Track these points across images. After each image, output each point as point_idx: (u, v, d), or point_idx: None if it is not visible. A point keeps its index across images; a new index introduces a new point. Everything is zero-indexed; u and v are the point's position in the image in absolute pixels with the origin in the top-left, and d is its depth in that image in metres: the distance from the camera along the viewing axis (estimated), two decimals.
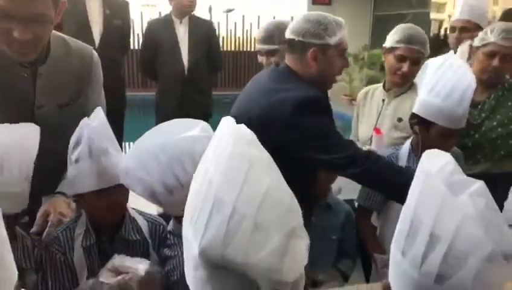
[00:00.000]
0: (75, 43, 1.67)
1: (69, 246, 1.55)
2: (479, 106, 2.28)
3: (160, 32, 3.66)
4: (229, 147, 0.70)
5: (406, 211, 0.75)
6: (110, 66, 3.57)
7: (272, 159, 0.74)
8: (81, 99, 1.67)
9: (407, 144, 1.99)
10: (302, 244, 0.71)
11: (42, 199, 1.60)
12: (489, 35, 2.23)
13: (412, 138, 1.98)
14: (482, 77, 2.26)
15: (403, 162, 1.95)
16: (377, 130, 2.27)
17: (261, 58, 2.59)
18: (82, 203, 1.56)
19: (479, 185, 0.70)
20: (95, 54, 1.71)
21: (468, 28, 2.70)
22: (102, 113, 1.51)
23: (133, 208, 1.62)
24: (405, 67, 2.18)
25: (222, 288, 0.70)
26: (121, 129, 3.84)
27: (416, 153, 1.93)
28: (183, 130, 1.30)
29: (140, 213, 1.64)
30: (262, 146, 0.74)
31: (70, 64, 1.62)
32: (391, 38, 2.24)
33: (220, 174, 0.69)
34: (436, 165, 0.75)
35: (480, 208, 0.66)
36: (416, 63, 2.20)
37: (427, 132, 1.83)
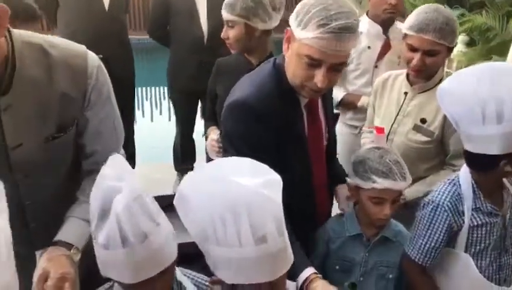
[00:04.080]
0: (60, 51, 1.24)
1: None
2: None
3: None
4: None
5: None
6: (119, 31, 3.32)
7: None
8: (76, 126, 1.32)
9: (465, 178, 1.49)
10: None
11: (36, 254, 1.26)
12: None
13: (469, 171, 1.49)
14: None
15: (468, 203, 1.48)
16: (379, 129, 1.91)
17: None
18: None
19: None
20: (92, 58, 1.28)
21: None
22: (129, 173, 1.10)
23: (179, 268, 1.29)
24: (416, 58, 1.82)
25: None
26: (132, 101, 3.65)
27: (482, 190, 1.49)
28: (242, 173, 1.08)
29: (187, 275, 1.33)
30: None
31: (53, 83, 1.23)
32: (405, 23, 1.87)
33: None
34: None
35: None
36: (432, 54, 1.81)
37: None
